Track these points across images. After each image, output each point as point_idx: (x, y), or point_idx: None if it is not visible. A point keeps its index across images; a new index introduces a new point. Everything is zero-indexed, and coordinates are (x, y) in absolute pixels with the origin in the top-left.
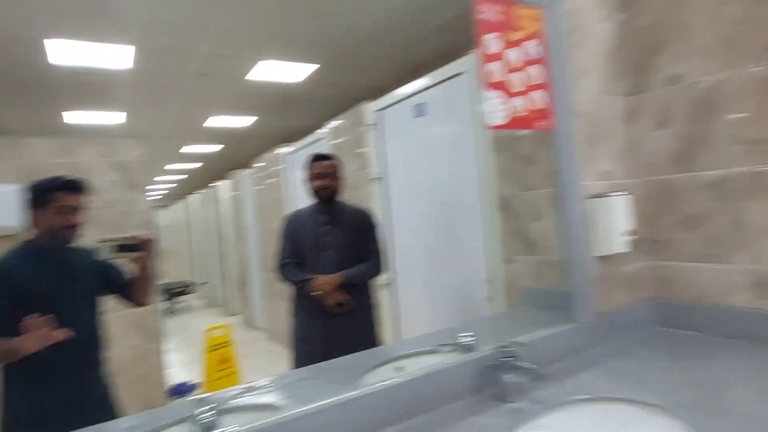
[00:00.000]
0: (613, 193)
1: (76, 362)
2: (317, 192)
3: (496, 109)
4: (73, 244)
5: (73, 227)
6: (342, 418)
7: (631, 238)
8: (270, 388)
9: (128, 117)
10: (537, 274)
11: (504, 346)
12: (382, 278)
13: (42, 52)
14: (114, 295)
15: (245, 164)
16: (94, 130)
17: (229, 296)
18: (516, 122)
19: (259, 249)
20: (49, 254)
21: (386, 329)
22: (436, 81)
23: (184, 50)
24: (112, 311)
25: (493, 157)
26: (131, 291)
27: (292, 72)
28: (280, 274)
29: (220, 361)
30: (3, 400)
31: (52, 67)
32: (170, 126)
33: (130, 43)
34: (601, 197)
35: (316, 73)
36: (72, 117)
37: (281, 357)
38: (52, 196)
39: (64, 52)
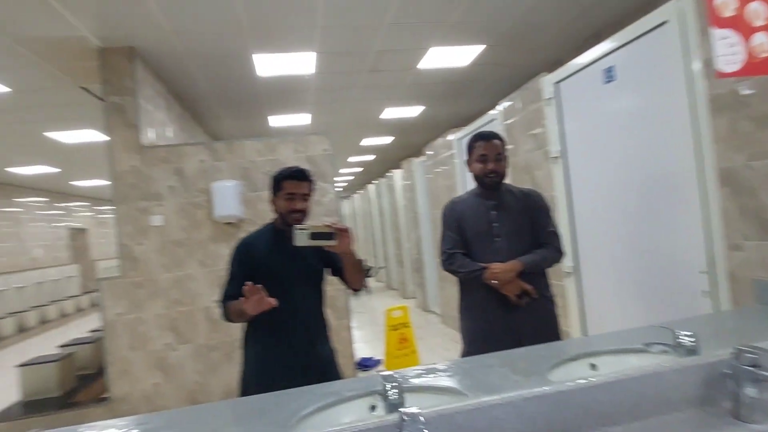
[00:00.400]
0: None
1: (300, 329)
2: (482, 177)
3: (728, 51)
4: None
5: (298, 212)
6: (532, 413)
7: None
8: (451, 372)
9: (313, 117)
10: None
11: (742, 351)
12: (563, 265)
13: (251, 66)
14: (336, 276)
15: (416, 153)
16: (289, 131)
17: (404, 280)
18: (756, 67)
19: (432, 235)
20: (281, 234)
21: (570, 322)
22: (628, 39)
23: (358, 50)
24: None
25: (712, 120)
26: (344, 276)
27: (459, 56)
28: (448, 265)
29: (400, 340)
30: (243, 353)
31: (259, 78)
32: (349, 121)
33: (312, 50)
34: None
35: (483, 54)
36: (274, 121)
37: (454, 341)
38: (283, 183)
39: (266, 64)
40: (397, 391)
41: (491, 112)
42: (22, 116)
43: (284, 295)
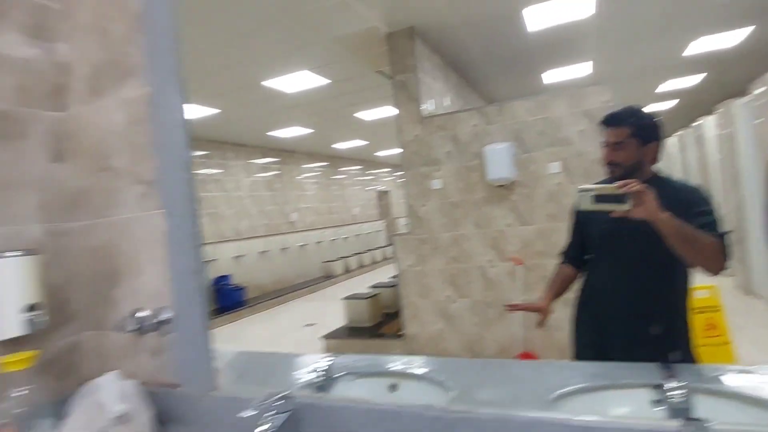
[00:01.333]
0: None
1: (637, 298)
2: None
3: None
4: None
5: (609, 164)
6: None
7: None
8: None
9: (594, 66)
10: None
11: None
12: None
13: (521, 23)
14: None
15: (738, 93)
16: (566, 86)
17: None
18: None
19: (758, 196)
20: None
21: None
22: None
23: None
24: None
25: None
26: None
27: None
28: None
29: (707, 327)
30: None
31: (530, 34)
32: (640, 65)
33: None
34: None
35: None
36: (549, 77)
37: None
38: (601, 132)
39: (537, 17)
40: (684, 391)
41: None
42: (340, 101)
43: (616, 264)
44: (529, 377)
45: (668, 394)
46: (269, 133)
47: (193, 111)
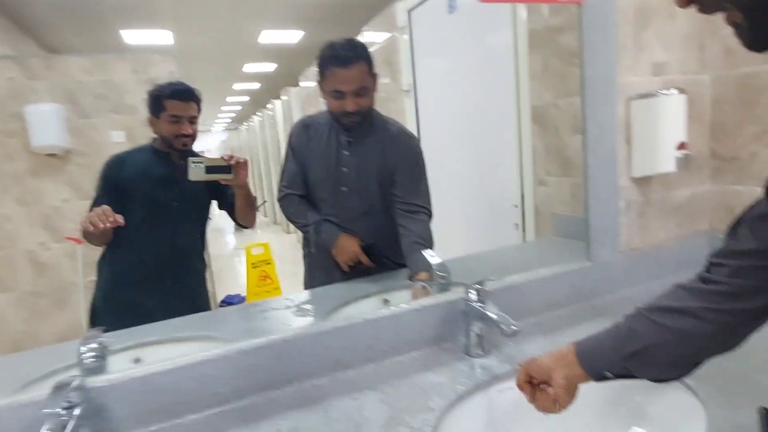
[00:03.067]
0: (664, 91)
1: (170, 264)
2: (337, 115)
3: None
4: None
5: (186, 136)
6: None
7: (684, 153)
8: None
9: (175, 36)
10: (572, 199)
11: (469, 289)
12: None
13: None
14: (223, 210)
15: (296, 82)
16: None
17: None
18: None
19: None
20: (165, 157)
21: None
22: None
23: None
24: None
25: (530, 56)
26: (234, 212)
27: None
28: (283, 209)
29: (261, 278)
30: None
31: None
32: (223, 43)
33: None
34: (646, 98)
35: None
36: (130, 37)
37: None
38: (165, 103)
39: None
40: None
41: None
42: None
43: (157, 225)
44: None
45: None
46: None
47: None
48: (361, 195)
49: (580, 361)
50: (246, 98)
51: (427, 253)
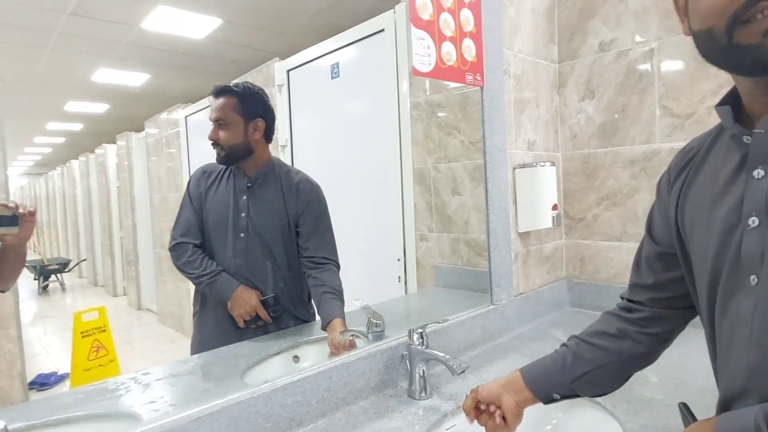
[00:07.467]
0: (541, 163)
1: None
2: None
3: (423, 52)
4: None
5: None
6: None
7: (556, 213)
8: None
9: None
10: (451, 252)
11: (413, 332)
12: None
13: None
14: None
15: (138, 127)
16: None
17: (114, 275)
18: (443, 72)
19: (151, 222)
20: None
21: None
22: (351, 40)
23: None
24: None
25: (412, 125)
26: None
27: (193, 26)
28: (175, 260)
29: (94, 349)
30: None
31: None
32: (46, 76)
33: None
34: (528, 167)
35: (220, 29)
36: None
37: (172, 341)
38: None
39: None
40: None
41: None
42: None
43: None
44: None
45: None
46: None
47: None
48: (261, 242)
49: (528, 386)
50: (60, 140)
51: (357, 302)
